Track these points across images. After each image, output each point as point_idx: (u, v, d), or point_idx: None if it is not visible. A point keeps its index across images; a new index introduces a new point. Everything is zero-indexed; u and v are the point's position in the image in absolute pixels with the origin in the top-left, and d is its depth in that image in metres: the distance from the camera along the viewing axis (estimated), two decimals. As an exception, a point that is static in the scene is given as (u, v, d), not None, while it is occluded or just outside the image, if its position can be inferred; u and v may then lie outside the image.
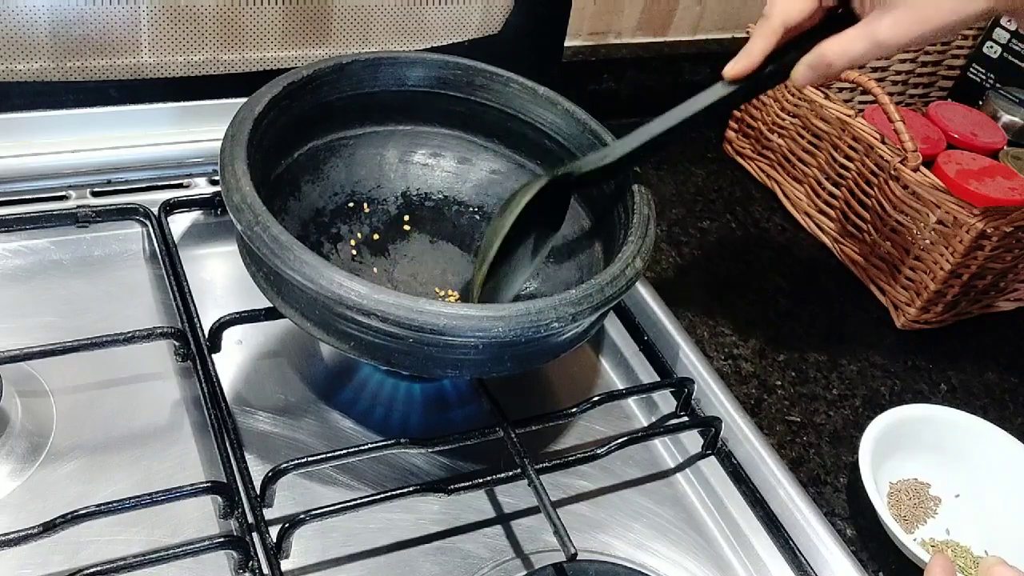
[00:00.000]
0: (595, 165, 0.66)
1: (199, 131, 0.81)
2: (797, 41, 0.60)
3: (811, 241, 0.94)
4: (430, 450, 0.64)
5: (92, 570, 0.50)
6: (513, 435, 0.62)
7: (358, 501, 0.56)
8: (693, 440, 0.70)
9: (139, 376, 0.66)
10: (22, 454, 0.60)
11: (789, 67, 0.61)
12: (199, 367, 0.63)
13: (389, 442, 0.60)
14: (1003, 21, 1.04)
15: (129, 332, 0.63)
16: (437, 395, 0.70)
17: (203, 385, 0.63)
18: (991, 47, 1.06)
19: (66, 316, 0.69)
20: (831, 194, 0.92)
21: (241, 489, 0.57)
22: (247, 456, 0.60)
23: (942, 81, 1.10)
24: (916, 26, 0.56)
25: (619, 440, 0.65)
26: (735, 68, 0.61)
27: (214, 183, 0.80)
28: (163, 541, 0.56)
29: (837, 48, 0.58)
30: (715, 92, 0.63)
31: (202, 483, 0.56)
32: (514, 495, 0.64)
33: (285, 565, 0.55)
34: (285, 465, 0.57)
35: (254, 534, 0.56)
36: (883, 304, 0.87)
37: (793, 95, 0.93)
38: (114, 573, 0.50)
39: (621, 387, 0.75)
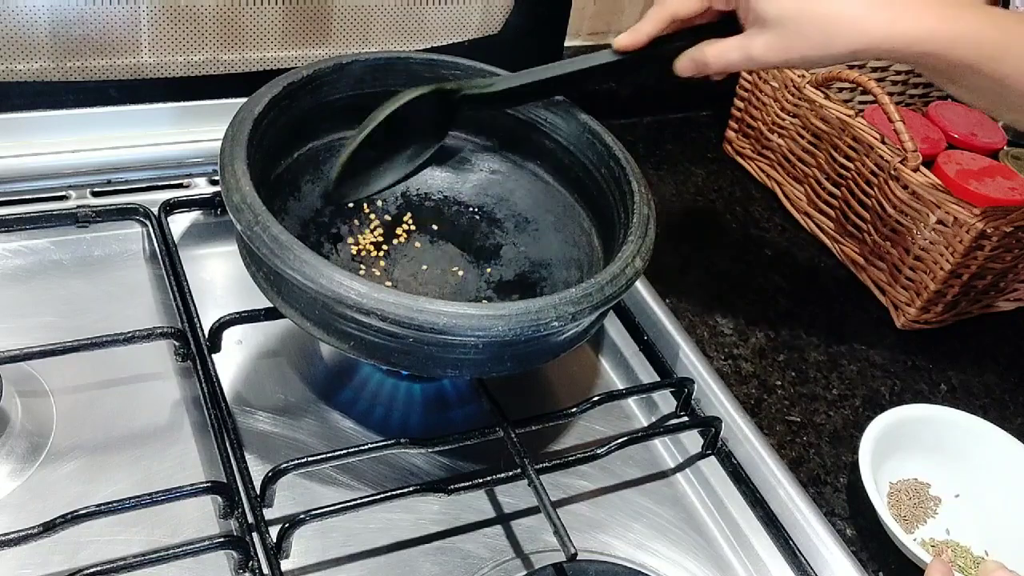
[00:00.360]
0: (478, 90, 0.70)
1: (199, 131, 0.81)
2: (687, 32, 0.64)
3: (811, 241, 0.94)
4: (430, 450, 0.64)
5: (92, 570, 0.50)
6: (513, 435, 0.62)
7: (358, 501, 0.56)
8: (693, 440, 0.70)
9: (139, 376, 0.66)
10: (22, 454, 0.60)
11: (674, 54, 0.65)
12: (199, 367, 0.63)
13: (389, 442, 0.60)
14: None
15: (129, 332, 0.63)
16: (437, 395, 0.70)
17: (203, 385, 0.63)
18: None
19: (66, 316, 0.69)
20: (831, 194, 0.92)
21: (241, 489, 0.57)
22: (247, 456, 0.60)
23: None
24: (783, 53, 0.60)
25: (619, 440, 0.65)
26: (622, 41, 0.65)
27: (214, 183, 0.80)
28: (163, 541, 0.56)
29: (716, 51, 0.62)
30: (600, 57, 0.67)
31: (202, 483, 0.56)
32: (514, 495, 0.64)
33: (285, 565, 0.55)
34: (285, 465, 0.57)
35: (254, 534, 0.56)
36: (883, 304, 0.87)
37: (793, 95, 0.93)
38: (114, 573, 0.50)
39: (621, 387, 0.75)
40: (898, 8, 0.58)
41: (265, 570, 0.54)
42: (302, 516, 0.55)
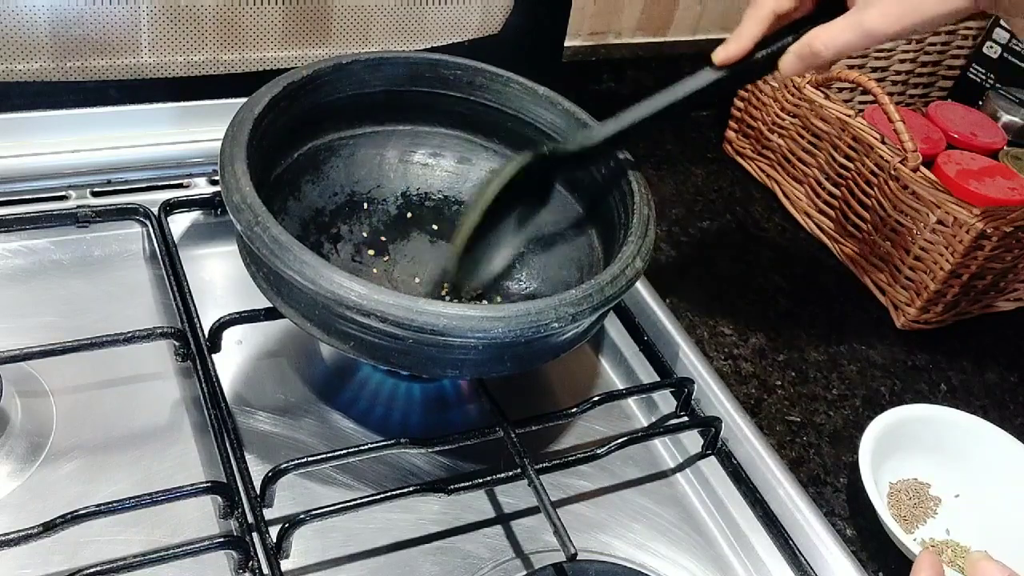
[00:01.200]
0: (579, 146, 0.67)
1: (199, 131, 0.81)
2: (787, 29, 0.60)
3: (811, 241, 0.94)
4: (430, 450, 0.64)
5: (92, 570, 0.50)
6: (513, 435, 0.62)
7: (358, 501, 0.56)
8: (693, 440, 0.70)
9: (139, 376, 0.66)
10: (22, 454, 0.60)
11: (778, 56, 0.61)
12: (199, 367, 0.63)
13: (389, 442, 0.60)
14: (1003, 21, 1.04)
15: (129, 332, 0.63)
16: (437, 395, 0.70)
17: (203, 385, 0.63)
18: (991, 47, 1.06)
19: (66, 316, 0.69)
20: (831, 194, 0.92)
21: (241, 489, 0.57)
22: (247, 456, 0.60)
23: (942, 81, 1.10)
24: (904, 17, 0.56)
25: (619, 440, 0.65)
26: (725, 52, 0.61)
27: (214, 183, 0.80)
28: (163, 541, 0.56)
29: (825, 37, 0.58)
30: (703, 77, 0.62)
31: (202, 483, 0.56)
32: (514, 495, 0.64)
33: (285, 565, 0.55)
34: (285, 465, 0.57)
35: (254, 534, 0.56)
36: (883, 304, 0.87)
37: (793, 95, 0.93)
38: (114, 573, 0.50)
39: (621, 387, 0.75)
40: None
41: (265, 570, 0.54)
42: (302, 516, 0.55)
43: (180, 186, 0.80)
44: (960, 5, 0.56)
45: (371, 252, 0.72)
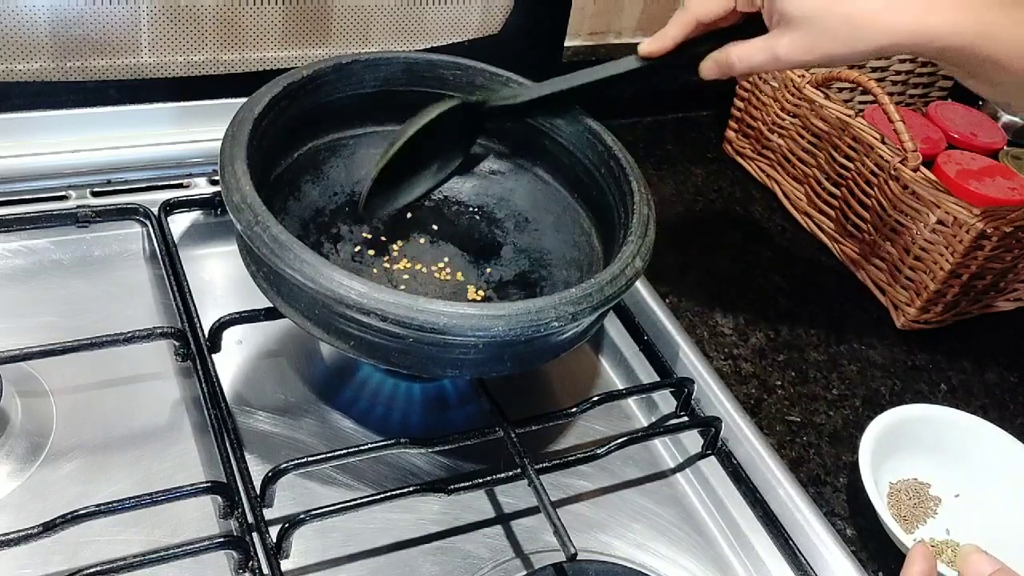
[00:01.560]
0: (504, 102, 0.71)
1: (199, 131, 0.81)
2: (712, 36, 0.64)
3: (811, 241, 0.93)
4: (430, 450, 0.64)
5: (92, 570, 0.50)
6: (513, 435, 0.62)
7: (358, 501, 0.56)
8: (693, 440, 0.70)
9: (139, 376, 0.66)
10: (22, 454, 0.60)
11: (699, 58, 0.65)
12: (199, 367, 0.63)
13: (389, 442, 0.60)
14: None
15: (129, 332, 0.63)
16: (437, 395, 0.70)
17: (203, 385, 0.63)
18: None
19: (66, 316, 0.69)
20: (831, 194, 0.92)
21: (241, 489, 0.57)
22: (247, 456, 0.60)
23: (942, 81, 1.10)
24: (808, 51, 0.59)
25: (619, 440, 0.65)
26: (648, 47, 0.66)
27: (214, 183, 0.80)
28: (163, 541, 0.56)
29: (741, 52, 0.62)
30: (626, 63, 0.67)
31: (202, 483, 0.56)
32: (514, 495, 0.64)
33: (285, 565, 0.55)
34: (285, 465, 0.57)
35: (254, 534, 0.56)
36: (883, 304, 0.87)
37: (793, 95, 0.93)
38: (114, 573, 0.50)
39: (621, 387, 0.75)
40: (922, 3, 0.57)
41: (265, 570, 0.54)
42: (302, 516, 0.55)
43: (180, 186, 0.80)
44: (867, 47, 0.58)
45: (371, 252, 0.72)
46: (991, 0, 0.58)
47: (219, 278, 0.75)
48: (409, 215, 0.75)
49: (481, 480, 0.61)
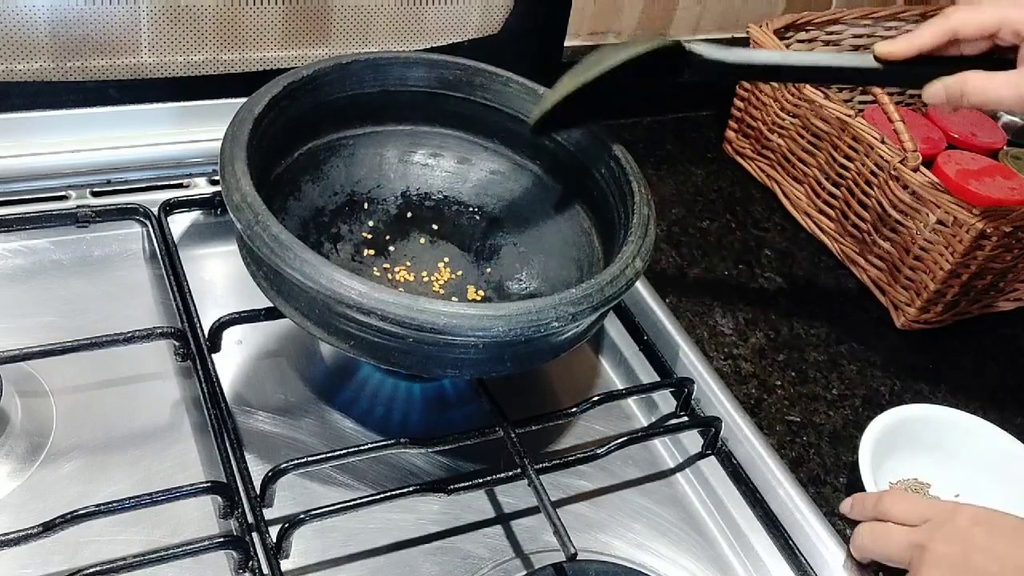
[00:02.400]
0: (714, 57, 0.65)
1: (199, 131, 0.81)
2: (951, 59, 0.60)
3: (811, 241, 0.93)
4: (430, 450, 0.64)
5: (92, 570, 0.50)
6: (513, 435, 0.62)
7: (358, 501, 0.56)
8: (693, 440, 0.70)
9: (139, 376, 0.66)
10: (22, 454, 0.60)
11: (929, 77, 0.61)
12: (199, 367, 0.63)
13: (389, 442, 0.60)
14: None
15: (129, 332, 0.63)
16: (437, 395, 0.70)
17: (203, 385, 0.63)
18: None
19: (66, 316, 0.69)
20: (831, 194, 0.92)
21: (241, 489, 0.57)
22: (247, 456, 0.60)
23: (942, 81, 1.09)
24: None
25: (619, 440, 0.65)
26: (889, 48, 0.61)
27: (214, 183, 0.80)
28: (163, 541, 0.56)
29: (980, 84, 0.58)
30: (857, 59, 0.63)
31: (202, 483, 0.56)
32: (514, 495, 0.64)
33: (285, 565, 0.55)
34: (285, 465, 0.57)
35: (254, 534, 0.56)
36: (883, 304, 0.87)
37: (793, 95, 0.93)
38: (114, 573, 0.50)
39: (621, 387, 0.75)
40: None
41: (265, 570, 0.54)
42: (302, 516, 0.55)
43: (180, 186, 0.80)
44: None
45: (371, 252, 0.72)
46: None
47: (219, 278, 0.75)
48: (409, 215, 0.75)
49: (481, 480, 0.61)
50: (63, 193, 0.76)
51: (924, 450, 0.69)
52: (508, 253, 0.74)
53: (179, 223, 0.77)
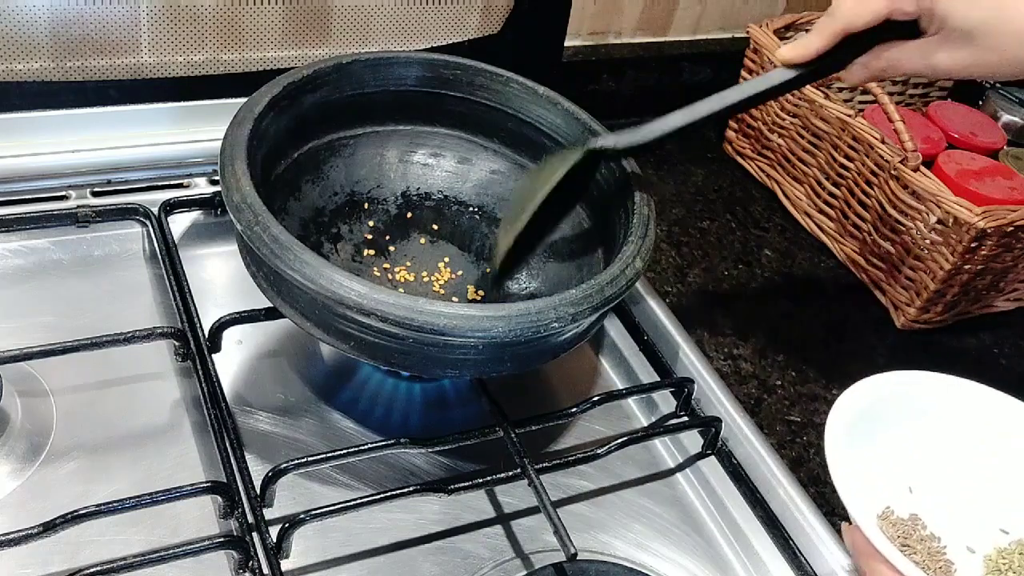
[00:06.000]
0: (633, 143, 0.66)
1: (199, 131, 0.81)
2: (854, 40, 0.60)
3: (811, 241, 0.94)
4: (430, 450, 0.64)
5: (92, 570, 0.50)
6: (513, 435, 0.63)
7: (358, 501, 0.56)
8: (693, 440, 0.70)
9: (139, 376, 0.66)
10: (22, 454, 0.60)
11: (843, 62, 0.61)
12: (199, 367, 0.63)
13: (389, 442, 0.60)
14: None
15: (129, 332, 0.63)
16: (437, 395, 0.70)
17: (203, 385, 0.63)
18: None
19: (66, 316, 0.69)
20: (831, 194, 0.92)
21: (241, 489, 0.57)
22: (247, 456, 0.60)
23: (942, 81, 1.10)
24: (972, 66, 0.56)
25: (619, 440, 0.65)
26: (788, 53, 0.61)
27: (214, 183, 0.80)
28: (163, 541, 0.56)
29: (893, 57, 0.59)
30: (767, 80, 0.62)
31: (202, 483, 0.56)
32: (514, 495, 0.64)
33: (285, 565, 0.55)
34: (285, 465, 0.57)
35: (254, 534, 0.56)
36: (883, 304, 0.87)
37: (793, 95, 0.93)
38: (114, 573, 0.50)
39: (621, 387, 0.75)
40: None
41: (265, 570, 0.54)
42: (302, 516, 0.55)
43: (180, 186, 0.80)
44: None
45: (371, 252, 0.72)
46: None
47: (219, 278, 0.75)
48: (409, 215, 0.75)
49: (481, 480, 0.61)
50: (63, 193, 0.76)
51: (899, 425, 0.65)
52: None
53: (179, 223, 0.77)
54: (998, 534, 0.63)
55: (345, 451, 0.59)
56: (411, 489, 0.58)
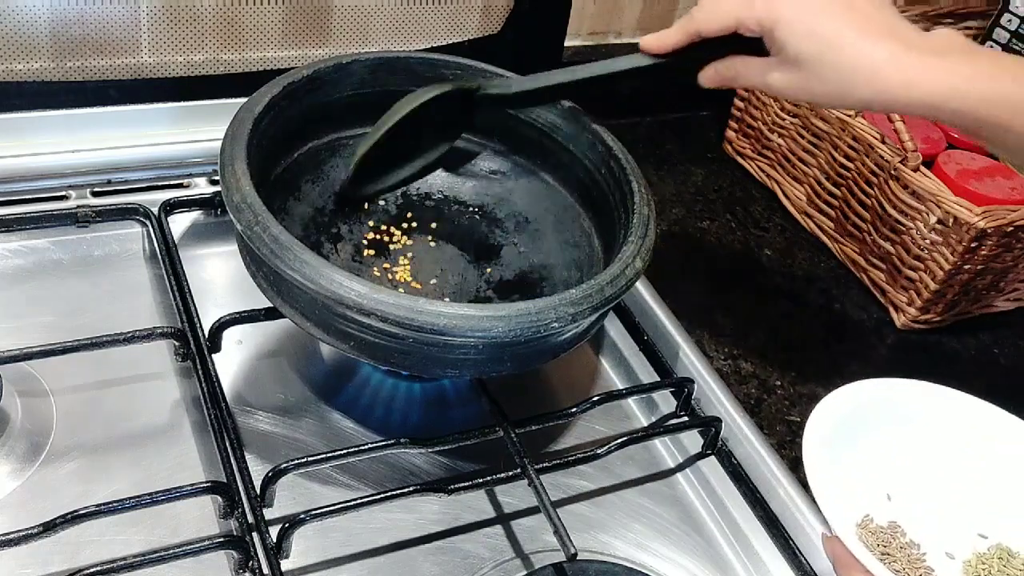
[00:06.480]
0: (497, 91, 0.70)
1: (199, 131, 0.81)
2: (714, 44, 0.62)
3: (811, 241, 0.94)
4: (430, 450, 0.64)
5: (92, 570, 0.50)
6: (513, 435, 0.63)
7: (358, 501, 0.56)
8: (693, 440, 0.70)
9: (139, 376, 0.66)
10: (22, 454, 0.60)
11: (699, 64, 0.64)
12: (199, 367, 0.63)
13: (389, 442, 0.60)
14: (1003, 21, 1.04)
15: (129, 332, 0.63)
16: (437, 395, 0.70)
17: (203, 385, 0.63)
18: (992, 47, 1.06)
19: (66, 316, 0.69)
20: (831, 194, 0.92)
21: (241, 489, 0.57)
22: (247, 456, 0.60)
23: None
24: (800, 91, 0.59)
25: (619, 440, 0.65)
26: (648, 42, 0.64)
27: (214, 183, 0.80)
28: (163, 541, 0.56)
29: (743, 70, 0.62)
30: (625, 62, 0.66)
31: (202, 483, 0.56)
32: (514, 495, 0.64)
33: (285, 565, 0.55)
34: (285, 465, 0.57)
35: (254, 534, 0.56)
36: (883, 304, 0.87)
37: (793, 95, 0.93)
38: (114, 573, 0.51)
39: (621, 387, 0.75)
40: (922, 61, 0.55)
41: (265, 570, 0.54)
42: (302, 516, 0.55)
43: (180, 186, 0.80)
44: (855, 100, 0.57)
45: (371, 252, 0.72)
46: (986, 58, 0.56)
47: (219, 278, 0.75)
48: (409, 215, 0.75)
49: (481, 480, 0.61)
50: (63, 193, 0.76)
51: (876, 432, 0.65)
52: (508, 253, 0.74)
53: (179, 223, 0.77)
54: (977, 539, 0.64)
55: (345, 451, 0.59)
56: (411, 489, 0.58)
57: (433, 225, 0.75)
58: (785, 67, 0.58)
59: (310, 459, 0.58)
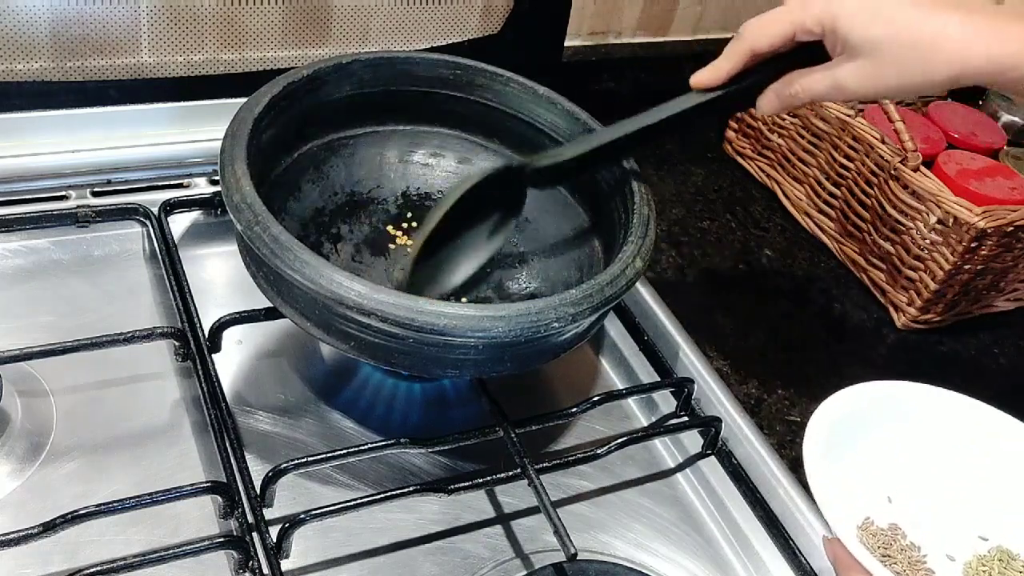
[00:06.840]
0: (551, 161, 0.66)
1: (199, 131, 0.81)
2: (768, 64, 0.60)
3: (811, 241, 0.94)
4: (430, 450, 0.64)
5: (92, 570, 0.50)
6: (513, 435, 0.63)
7: (358, 501, 0.56)
8: (693, 440, 0.70)
9: (139, 376, 0.66)
10: (22, 454, 0.60)
11: (756, 89, 0.61)
12: (199, 367, 0.63)
13: (389, 442, 0.60)
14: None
15: (129, 332, 0.63)
16: (437, 395, 0.70)
17: (203, 385, 0.63)
18: None
19: (66, 316, 0.69)
20: (831, 194, 0.92)
21: (241, 489, 0.57)
22: (247, 456, 0.60)
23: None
24: (876, 81, 0.56)
25: (619, 440, 0.65)
26: (700, 77, 0.61)
27: (214, 183, 0.80)
28: (163, 541, 0.56)
29: (803, 83, 0.58)
30: (680, 104, 0.62)
31: (202, 483, 0.56)
32: (514, 495, 0.64)
33: (285, 565, 0.55)
34: (285, 465, 0.57)
35: (254, 534, 0.56)
36: (883, 304, 0.87)
37: (793, 95, 0.93)
38: (114, 573, 0.50)
39: (621, 387, 0.75)
40: (1000, 28, 0.53)
41: (265, 570, 0.54)
42: (302, 516, 0.55)
43: (180, 186, 0.80)
44: (940, 77, 0.54)
45: (371, 252, 0.72)
46: None
47: (219, 278, 0.75)
48: (409, 215, 0.75)
49: (481, 480, 0.61)
50: (63, 193, 0.76)
51: (876, 435, 0.65)
52: (508, 253, 0.74)
53: (179, 223, 0.77)
54: (977, 541, 0.63)
55: (345, 451, 0.59)
56: (411, 489, 0.58)
57: (433, 225, 0.75)
58: (854, 62, 0.55)
59: (310, 459, 0.57)
